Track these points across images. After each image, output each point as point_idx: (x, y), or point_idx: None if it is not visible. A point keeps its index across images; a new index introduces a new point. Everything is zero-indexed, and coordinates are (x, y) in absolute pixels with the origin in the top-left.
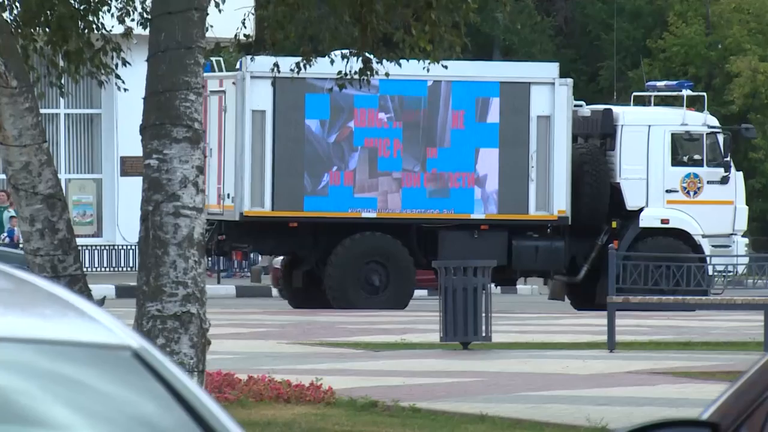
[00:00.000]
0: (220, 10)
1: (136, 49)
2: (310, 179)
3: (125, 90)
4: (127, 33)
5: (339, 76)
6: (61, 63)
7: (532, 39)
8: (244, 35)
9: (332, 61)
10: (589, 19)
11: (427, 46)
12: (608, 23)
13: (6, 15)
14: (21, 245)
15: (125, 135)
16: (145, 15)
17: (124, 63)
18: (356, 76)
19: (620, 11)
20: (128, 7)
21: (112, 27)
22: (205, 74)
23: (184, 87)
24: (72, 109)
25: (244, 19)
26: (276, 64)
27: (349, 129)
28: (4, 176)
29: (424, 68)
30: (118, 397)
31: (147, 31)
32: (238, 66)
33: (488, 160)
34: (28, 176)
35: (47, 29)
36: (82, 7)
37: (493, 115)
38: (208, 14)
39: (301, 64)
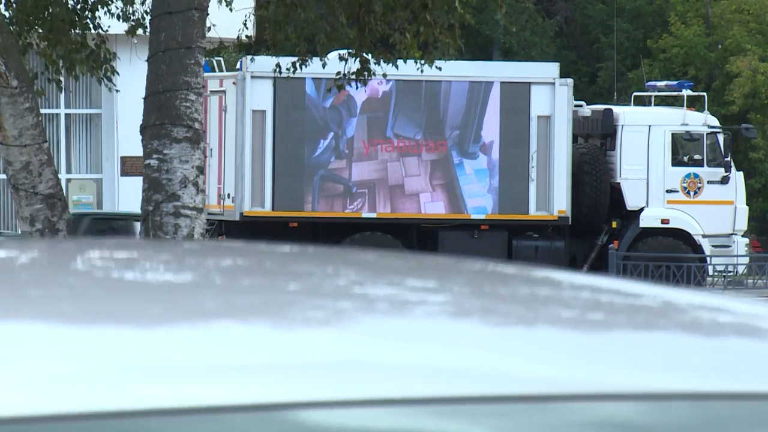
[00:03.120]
0: (231, 9)
1: (136, 49)
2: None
3: (117, 91)
4: (133, 30)
5: (337, 77)
6: (57, 62)
7: (533, 41)
8: (246, 36)
9: (324, 65)
10: (590, 20)
11: (416, 53)
12: (608, 24)
13: (5, 13)
14: None
15: (125, 135)
16: (141, 19)
17: (114, 71)
18: (354, 77)
19: (620, 12)
20: (128, 8)
21: (109, 27)
22: (205, 74)
23: (184, 87)
24: (72, 108)
25: (246, 20)
26: (278, 65)
27: (345, 129)
28: (4, 176)
29: (418, 69)
30: None
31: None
32: (238, 66)
33: (488, 160)
34: (28, 176)
35: (42, 29)
36: (78, 6)
37: (493, 115)
38: (208, 14)
39: (297, 65)
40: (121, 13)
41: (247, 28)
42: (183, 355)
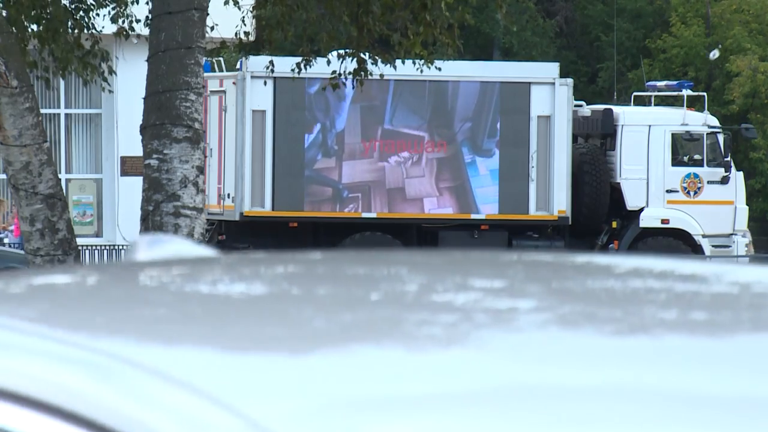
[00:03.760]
0: (239, 6)
1: (136, 49)
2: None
3: (110, 92)
4: (120, 33)
5: (333, 75)
6: (49, 61)
7: (534, 42)
8: (245, 33)
9: (329, 62)
10: (590, 20)
11: (422, 52)
12: (608, 24)
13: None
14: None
15: (125, 135)
16: (134, 21)
17: (111, 71)
18: (350, 76)
19: (621, 12)
20: (124, 9)
21: (103, 27)
22: (205, 74)
23: (184, 87)
24: (72, 109)
25: (243, 17)
26: (271, 62)
27: (344, 129)
28: (4, 176)
29: (417, 69)
30: None
31: (143, 31)
32: (238, 66)
33: (488, 160)
34: (28, 176)
35: (38, 27)
36: (72, 6)
37: (493, 115)
38: (208, 14)
39: (302, 65)
40: (111, 16)
41: (245, 24)
42: (382, 385)
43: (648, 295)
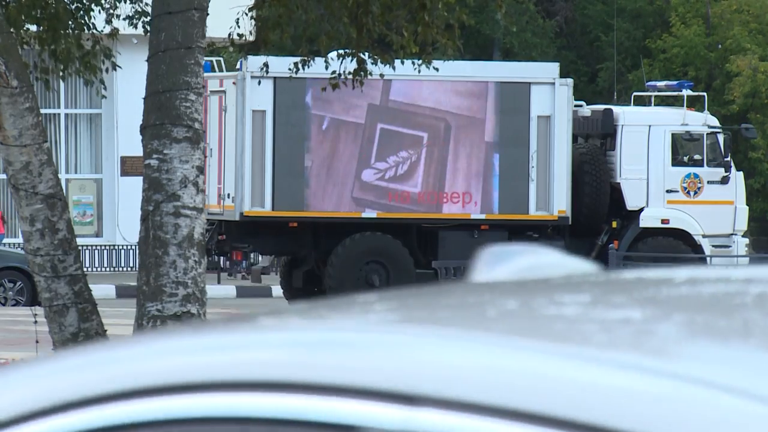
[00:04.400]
0: (207, 13)
1: (135, 49)
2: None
3: (103, 97)
4: (113, 33)
5: (333, 76)
6: (49, 62)
7: (534, 42)
8: (238, 34)
9: (327, 66)
10: (589, 20)
11: (414, 48)
12: (608, 24)
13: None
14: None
15: (125, 135)
16: (135, 17)
17: (114, 67)
18: (350, 77)
19: (621, 12)
20: (114, 10)
21: (104, 27)
22: (205, 74)
23: (184, 87)
24: (72, 109)
25: (238, 19)
26: (266, 64)
27: (350, 128)
28: (4, 176)
29: (415, 69)
30: None
31: (140, 30)
32: (238, 66)
33: (488, 160)
34: (28, 176)
35: (37, 27)
36: (74, 6)
37: (494, 115)
38: (208, 14)
39: (299, 65)
40: (105, 19)
41: (239, 27)
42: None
43: (735, 299)
